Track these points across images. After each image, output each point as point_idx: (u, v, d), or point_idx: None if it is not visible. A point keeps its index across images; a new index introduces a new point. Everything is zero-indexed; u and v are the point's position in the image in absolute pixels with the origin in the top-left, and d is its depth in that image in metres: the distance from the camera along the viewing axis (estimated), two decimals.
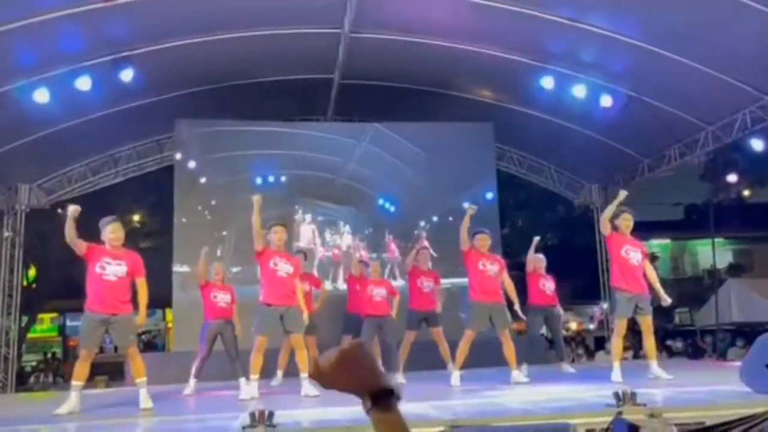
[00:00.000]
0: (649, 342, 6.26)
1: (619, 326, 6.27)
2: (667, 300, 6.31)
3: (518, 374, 6.35)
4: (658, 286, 6.36)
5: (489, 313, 6.38)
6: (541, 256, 7.83)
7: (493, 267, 6.54)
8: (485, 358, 8.65)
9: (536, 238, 7.90)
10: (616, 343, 6.35)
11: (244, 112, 10.22)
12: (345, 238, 10.40)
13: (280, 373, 7.34)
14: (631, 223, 6.37)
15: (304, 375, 5.88)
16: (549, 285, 7.60)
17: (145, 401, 5.32)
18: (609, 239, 6.43)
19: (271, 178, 10.22)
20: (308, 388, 5.81)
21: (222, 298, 6.92)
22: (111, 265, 5.26)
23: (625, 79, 8.85)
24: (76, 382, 5.26)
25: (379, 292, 7.32)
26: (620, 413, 3.48)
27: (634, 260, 6.24)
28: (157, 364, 7.57)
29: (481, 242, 6.57)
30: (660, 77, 8.38)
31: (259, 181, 10.13)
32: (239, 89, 9.67)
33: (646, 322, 6.21)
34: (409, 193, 10.61)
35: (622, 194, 6.43)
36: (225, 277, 7.17)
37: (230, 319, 6.95)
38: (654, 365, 6.16)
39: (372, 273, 7.48)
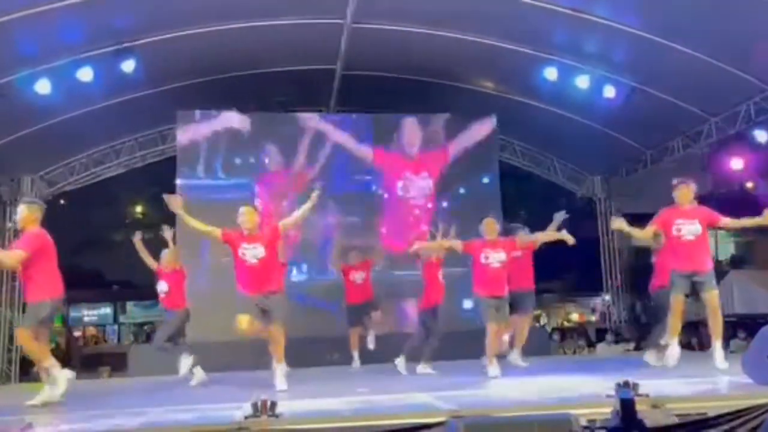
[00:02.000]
0: (714, 321, 5.73)
1: (674, 304, 5.80)
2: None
3: (517, 357, 6.29)
4: (744, 223, 6.09)
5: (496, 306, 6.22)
6: None
7: (498, 255, 6.26)
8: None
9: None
10: (672, 322, 5.81)
11: (247, 102, 10.20)
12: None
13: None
14: (689, 193, 5.88)
15: (278, 366, 5.63)
16: None
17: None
18: (657, 219, 5.94)
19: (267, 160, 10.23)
20: (281, 379, 5.57)
21: (161, 289, 6.90)
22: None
23: (629, 70, 8.82)
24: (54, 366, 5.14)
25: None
26: (627, 383, 3.48)
27: (688, 235, 5.75)
28: (161, 356, 7.54)
29: (487, 228, 6.35)
30: (663, 68, 8.34)
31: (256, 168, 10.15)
32: (241, 80, 9.65)
33: (712, 299, 5.68)
34: None
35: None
36: (176, 263, 6.95)
37: (172, 307, 6.89)
38: (717, 348, 5.64)
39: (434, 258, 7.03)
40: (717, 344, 5.69)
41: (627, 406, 3.28)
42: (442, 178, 10.55)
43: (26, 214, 5.20)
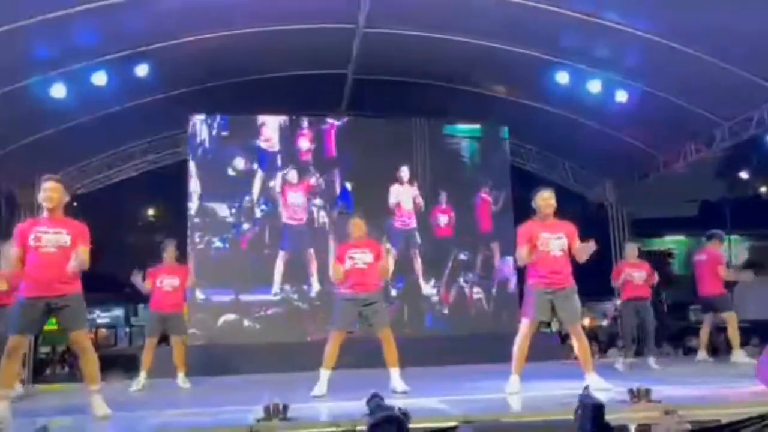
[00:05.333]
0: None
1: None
2: None
3: (598, 379, 5.19)
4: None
5: (551, 300, 5.32)
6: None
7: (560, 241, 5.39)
8: (496, 353, 8.63)
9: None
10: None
11: (258, 107, 10.25)
12: None
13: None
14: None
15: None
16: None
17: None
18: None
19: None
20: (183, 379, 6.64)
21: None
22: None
23: (641, 75, 8.78)
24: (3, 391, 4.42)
25: (640, 276, 7.48)
26: (586, 388, 3.39)
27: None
28: (171, 358, 7.59)
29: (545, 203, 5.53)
30: (676, 72, 8.30)
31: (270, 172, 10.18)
32: (253, 84, 9.70)
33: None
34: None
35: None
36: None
37: None
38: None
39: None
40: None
41: (594, 409, 3.20)
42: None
43: (62, 194, 4.68)
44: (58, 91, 8.04)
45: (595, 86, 8.85)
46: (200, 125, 10.16)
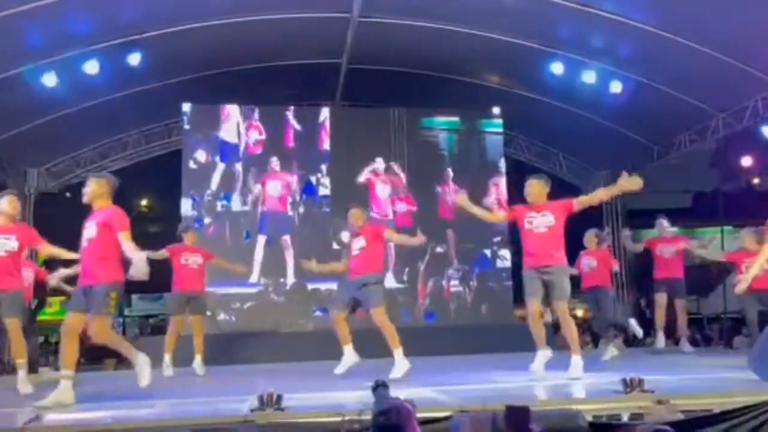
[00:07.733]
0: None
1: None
2: None
3: (577, 364, 5.26)
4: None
5: (542, 280, 5.40)
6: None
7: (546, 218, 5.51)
8: (495, 344, 8.70)
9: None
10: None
11: (252, 96, 10.20)
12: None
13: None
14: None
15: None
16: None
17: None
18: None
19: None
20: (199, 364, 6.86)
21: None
22: None
23: (636, 65, 8.78)
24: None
25: (589, 264, 7.63)
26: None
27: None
28: (162, 346, 7.56)
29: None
30: (671, 63, 8.31)
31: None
32: (247, 73, 9.65)
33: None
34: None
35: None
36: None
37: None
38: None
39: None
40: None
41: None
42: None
43: (94, 188, 4.79)
44: (50, 79, 7.98)
45: (589, 77, 8.85)
46: (194, 114, 10.08)
